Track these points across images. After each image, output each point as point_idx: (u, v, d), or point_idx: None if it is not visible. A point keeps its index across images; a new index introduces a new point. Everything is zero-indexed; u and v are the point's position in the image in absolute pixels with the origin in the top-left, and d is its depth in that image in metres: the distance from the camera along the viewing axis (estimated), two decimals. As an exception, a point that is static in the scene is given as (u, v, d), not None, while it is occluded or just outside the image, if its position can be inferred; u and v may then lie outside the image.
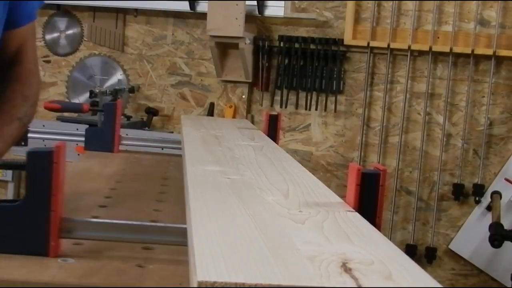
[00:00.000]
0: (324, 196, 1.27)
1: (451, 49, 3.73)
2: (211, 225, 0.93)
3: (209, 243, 0.81)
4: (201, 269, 0.69)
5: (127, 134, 3.12)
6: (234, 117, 3.83)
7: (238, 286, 0.66)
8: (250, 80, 3.88)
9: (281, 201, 1.16)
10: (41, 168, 1.11)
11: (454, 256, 3.86)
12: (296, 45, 3.87)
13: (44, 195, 1.11)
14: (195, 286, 0.66)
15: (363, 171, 1.16)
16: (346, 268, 0.74)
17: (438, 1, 3.77)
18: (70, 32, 4.18)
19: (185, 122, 2.55)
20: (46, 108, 2.93)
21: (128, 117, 3.91)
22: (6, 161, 1.20)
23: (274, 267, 0.72)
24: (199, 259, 0.73)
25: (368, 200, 1.16)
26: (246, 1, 3.62)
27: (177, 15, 4.03)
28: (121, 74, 4.11)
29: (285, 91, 3.93)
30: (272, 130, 2.65)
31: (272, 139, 2.39)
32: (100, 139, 2.50)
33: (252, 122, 3.84)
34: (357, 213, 1.10)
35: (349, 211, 1.11)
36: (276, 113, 2.69)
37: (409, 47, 3.77)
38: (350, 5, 3.82)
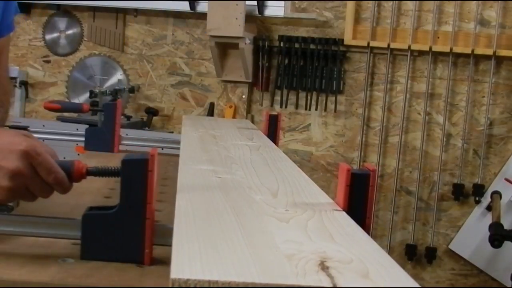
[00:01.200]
0: (313, 196, 1.27)
1: (451, 49, 3.72)
2: (194, 223, 0.93)
3: (189, 241, 0.82)
4: (175, 266, 0.69)
5: (127, 134, 3.12)
6: (234, 117, 3.83)
7: (211, 285, 0.66)
8: (250, 80, 3.88)
9: (269, 200, 1.16)
10: (136, 176, 1.11)
11: (454, 256, 3.85)
12: (296, 45, 3.86)
13: (139, 202, 1.11)
14: (170, 284, 0.66)
15: (353, 171, 1.16)
16: (323, 267, 0.74)
17: (438, 1, 3.76)
18: (70, 32, 4.18)
19: (186, 122, 2.55)
20: (46, 108, 2.93)
21: (128, 117, 3.92)
22: (99, 168, 1.20)
23: (250, 265, 0.72)
24: (176, 257, 0.73)
25: (358, 200, 1.16)
26: (246, 1, 3.62)
27: (177, 15, 4.03)
28: (121, 74, 4.12)
29: (285, 91, 3.92)
30: (272, 130, 2.64)
31: (272, 139, 2.39)
32: (100, 139, 2.50)
33: (252, 122, 3.84)
34: (343, 212, 1.10)
35: (336, 210, 1.11)
36: (276, 113, 2.68)
37: (409, 47, 3.77)
38: (350, 5, 3.82)
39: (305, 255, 0.78)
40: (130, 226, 1.12)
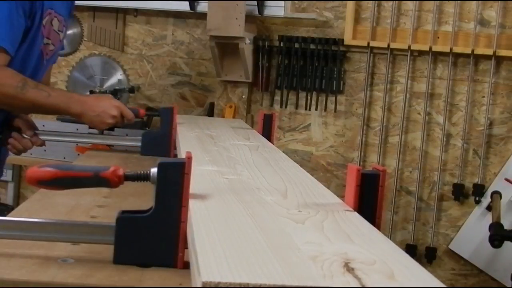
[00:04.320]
0: (322, 196, 1.27)
1: (451, 49, 3.73)
2: (212, 226, 0.92)
3: (211, 243, 0.81)
4: (205, 269, 0.69)
5: (126, 135, 3.11)
6: (234, 117, 3.83)
7: (242, 287, 0.65)
8: (250, 80, 3.87)
9: (280, 201, 1.16)
10: (172, 179, 1.10)
11: (454, 256, 3.86)
12: (296, 45, 3.86)
13: (174, 206, 1.10)
14: (199, 286, 0.66)
15: (363, 171, 1.16)
16: (348, 268, 0.74)
17: (438, 1, 3.77)
18: (70, 32, 4.17)
19: (179, 122, 2.55)
20: (46, 108, 2.92)
21: (128, 117, 3.90)
22: (129, 173, 1.19)
23: (277, 267, 0.72)
24: (202, 260, 0.72)
25: (368, 201, 1.15)
26: (246, 1, 3.62)
27: (177, 15, 4.02)
28: (121, 74, 4.11)
29: (285, 91, 3.92)
30: (267, 129, 2.65)
31: (267, 138, 2.40)
32: (157, 143, 2.48)
33: (252, 122, 3.84)
34: (356, 213, 1.10)
35: (347, 210, 1.11)
36: (270, 113, 2.69)
37: (409, 47, 3.77)
38: (350, 5, 3.81)
39: (328, 256, 0.78)
40: (165, 229, 1.10)
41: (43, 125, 3.09)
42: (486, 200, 3.74)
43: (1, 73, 2.13)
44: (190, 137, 2.13)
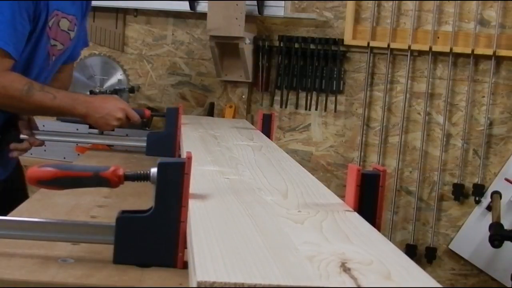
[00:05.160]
0: (323, 196, 1.28)
1: (451, 49, 3.73)
2: (211, 225, 0.93)
3: (209, 243, 0.82)
4: (200, 269, 0.69)
5: (127, 135, 3.12)
6: (234, 117, 3.83)
7: (237, 286, 0.66)
8: (250, 80, 3.87)
9: (280, 201, 1.16)
10: (172, 179, 1.11)
11: (454, 256, 3.86)
12: (296, 45, 3.86)
13: (174, 206, 1.10)
14: (195, 286, 0.66)
15: (363, 172, 1.16)
16: (345, 268, 0.74)
17: (438, 1, 3.77)
18: (70, 32, 4.17)
19: (184, 122, 2.55)
20: (46, 108, 2.92)
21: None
22: (129, 173, 1.19)
23: (273, 267, 0.72)
24: (198, 259, 0.73)
25: (368, 201, 1.15)
26: (246, 1, 3.62)
27: (177, 15, 4.02)
28: (121, 74, 4.11)
29: (285, 91, 3.92)
30: (266, 129, 2.65)
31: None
32: (163, 144, 2.48)
33: (252, 122, 3.84)
34: (355, 213, 1.10)
35: (347, 211, 1.12)
36: (269, 113, 2.69)
37: (409, 47, 3.77)
38: (350, 5, 3.82)
39: (325, 256, 0.78)
40: (165, 229, 1.11)
41: (43, 125, 3.09)
42: (486, 200, 3.74)
43: (7, 77, 2.13)
44: (194, 137, 2.13)
